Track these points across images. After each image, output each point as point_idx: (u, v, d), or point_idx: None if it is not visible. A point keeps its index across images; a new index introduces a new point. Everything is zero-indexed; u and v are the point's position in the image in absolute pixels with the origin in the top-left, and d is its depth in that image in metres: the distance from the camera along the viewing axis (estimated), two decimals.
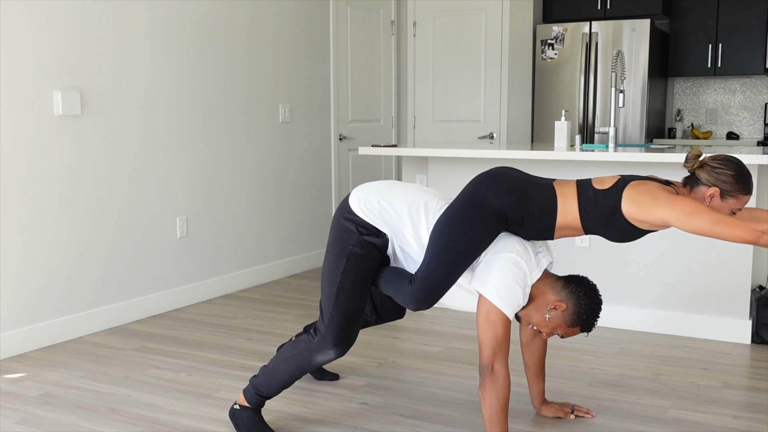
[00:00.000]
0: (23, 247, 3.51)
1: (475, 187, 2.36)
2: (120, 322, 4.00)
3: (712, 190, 2.29)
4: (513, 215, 2.31)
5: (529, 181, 2.37)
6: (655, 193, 2.24)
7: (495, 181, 2.35)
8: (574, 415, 2.73)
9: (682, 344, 3.62)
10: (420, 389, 3.03)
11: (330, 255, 2.49)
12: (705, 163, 2.33)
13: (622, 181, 2.31)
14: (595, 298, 2.38)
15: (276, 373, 2.53)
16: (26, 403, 2.89)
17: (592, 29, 5.75)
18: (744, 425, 2.66)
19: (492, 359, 2.26)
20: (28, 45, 3.48)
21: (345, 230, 2.46)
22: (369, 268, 2.47)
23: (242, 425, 2.57)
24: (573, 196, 2.33)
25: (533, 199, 2.32)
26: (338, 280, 2.45)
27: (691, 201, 2.20)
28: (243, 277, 4.85)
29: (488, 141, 5.96)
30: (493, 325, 2.26)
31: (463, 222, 2.30)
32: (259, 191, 4.97)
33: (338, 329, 2.46)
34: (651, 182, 2.29)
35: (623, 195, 2.27)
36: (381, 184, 2.55)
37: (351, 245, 2.44)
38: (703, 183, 2.31)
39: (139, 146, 4.07)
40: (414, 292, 2.36)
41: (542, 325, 2.40)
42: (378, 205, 2.45)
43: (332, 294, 2.46)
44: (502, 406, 2.27)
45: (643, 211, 2.23)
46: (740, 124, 6.36)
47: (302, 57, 5.30)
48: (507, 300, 2.27)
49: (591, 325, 2.39)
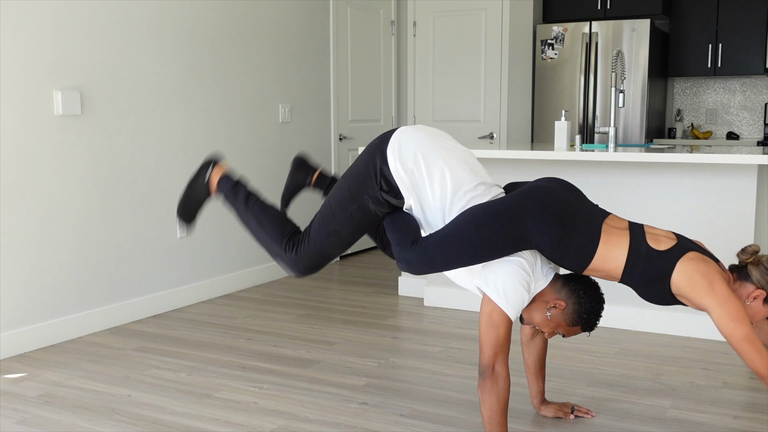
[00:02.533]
0: (23, 247, 3.51)
1: (521, 200, 2.24)
2: (120, 322, 4.00)
3: (758, 292, 2.22)
4: (545, 248, 2.24)
5: (578, 214, 2.26)
6: (712, 280, 2.15)
7: (543, 205, 2.22)
8: (574, 415, 2.73)
9: (682, 344, 3.62)
10: (420, 389, 3.03)
11: (345, 187, 2.43)
12: (761, 261, 2.25)
13: (680, 248, 2.22)
14: (596, 297, 2.34)
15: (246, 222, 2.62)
16: (26, 403, 2.89)
17: (592, 29, 5.75)
18: (744, 425, 2.66)
19: (493, 360, 2.25)
20: (28, 45, 3.48)
21: (370, 176, 2.38)
22: (371, 222, 2.47)
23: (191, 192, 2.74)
24: (623, 246, 2.23)
25: (573, 239, 2.21)
26: (339, 221, 2.45)
27: (739, 306, 2.12)
28: (243, 277, 4.85)
29: (488, 141, 5.96)
30: (496, 326, 2.25)
31: (491, 230, 2.21)
32: (260, 191, 4.96)
33: (311, 262, 2.53)
34: (712, 263, 2.20)
35: (678, 265, 2.18)
36: (426, 136, 2.38)
37: (367, 196, 2.39)
38: (752, 281, 2.23)
39: (139, 146, 4.07)
40: (411, 255, 2.30)
41: (543, 325, 2.39)
42: (413, 164, 2.33)
43: (325, 229, 2.47)
44: (502, 407, 2.27)
45: (694, 292, 2.16)
46: (740, 124, 6.36)
47: (302, 57, 5.30)
48: (512, 302, 2.25)
49: (592, 325, 2.36)
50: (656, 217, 3.74)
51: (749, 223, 3.56)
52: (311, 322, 4.05)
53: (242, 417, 2.75)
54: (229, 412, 2.79)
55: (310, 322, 4.02)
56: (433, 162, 2.34)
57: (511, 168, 4.03)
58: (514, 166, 4.03)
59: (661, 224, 3.74)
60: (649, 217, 3.76)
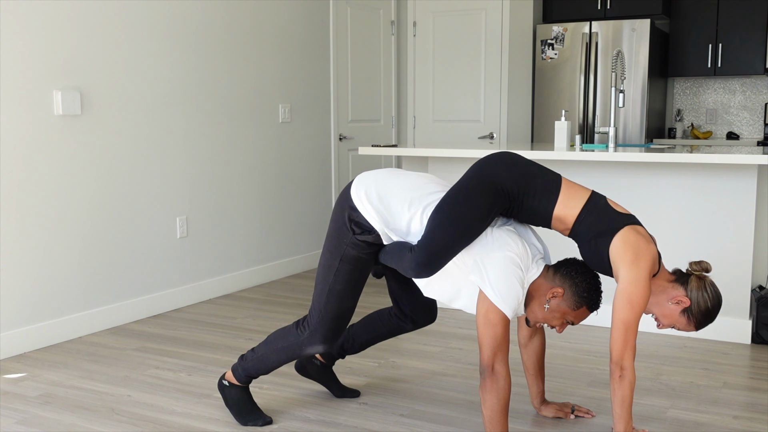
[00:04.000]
0: (23, 247, 3.51)
1: (480, 164, 2.37)
2: (120, 322, 4.00)
3: (686, 301, 2.30)
4: (515, 192, 2.31)
5: (537, 166, 2.40)
6: (640, 259, 2.23)
7: (501, 159, 2.37)
8: (574, 415, 2.73)
9: (682, 344, 3.62)
10: (420, 389, 3.03)
11: (326, 250, 2.52)
12: (704, 279, 2.32)
13: (634, 220, 2.31)
14: (589, 273, 2.36)
15: (266, 361, 2.62)
16: (26, 403, 2.89)
17: (592, 29, 5.75)
18: (744, 425, 2.66)
19: (492, 359, 2.25)
20: (28, 45, 3.48)
21: (342, 226, 2.46)
22: (362, 267, 2.48)
23: (231, 402, 2.68)
24: (584, 195, 2.34)
25: (537, 179, 2.33)
26: (330, 280, 2.49)
27: (644, 294, 2.22)
28: (243, 277, 4.85)
29: (488, 141, 5.96)
30: (493, 325, 2.26)
31: (467, 194, 2.29)
32: (259, 191, 4.97)
33: (327, 328, 2.53)
34: (653, 246, 2.28)
35: (624, 230, 2.26)
36: (383, 173, 2.52)
37: (345, 245, 2.45)
38: (686, 289, 2.31)
39: (139, 146, 4.07)
40: (414, 257, 2.32)
41: (549, 319, 2.38)
42: (377, 197, 2.42)
43: (324, 293, 2.50)
44: (502, 407, 2.27)
45: (619, 259, 2.24)
46: (740, 124, 6.36)
47: (302, 57, 5.30)
48: (507, 299, 2.26)
49: (596, 301, 2.36)
50: (656, 217, 3.74)
51: (749, 223, 3.56)
52: None
53: None
54: (229, 412, 2.79)
55: None
56: (395, 188, 2.44)
57: None
58: None
59: (661, 224, 3.74)
60: (649, 217, 3.76)
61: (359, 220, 2.42)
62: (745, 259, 3.59)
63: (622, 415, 2.28)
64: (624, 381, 2.25)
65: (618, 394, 2.27)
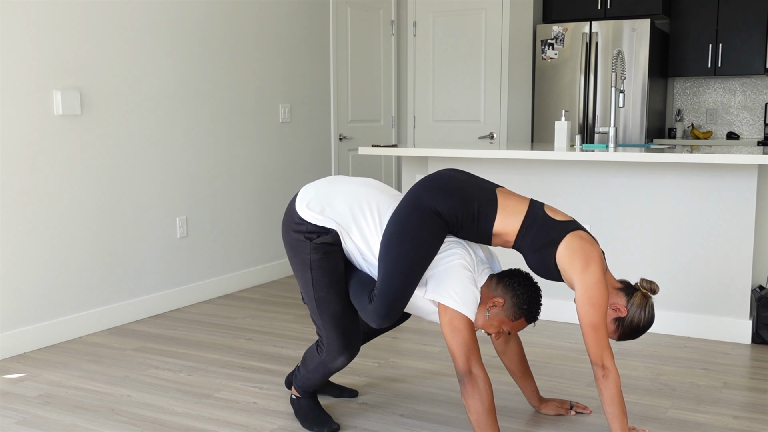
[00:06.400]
0: (23, 247, 3.51)
1: (416, 191, 2.38)
2: (120, 322, 4.00)
3: (624, 311, 2.34)
4: (452, 218, 2.33)
5: (471, 184, 2.39)
6: (590, 262, 2.27)
7: (436, 184, 2.37)
8: (574, 411, 2.75)
9: (682, 344, 3.62)
10: (420, 389, 3.03)
11: (296, 272, 2.53)
12: (649, 299, 2.38)
13: (574, 224, 2.34)
14: (531, 286, 2.39)
15: (311, 380, 2.65)
16: (26, 403, 2.89)
17: (592, 29, 5.75)
18: (744, 425, 2.66)
19: (468, 364, 2.28)
20: (28, 45, 3.48)
21: (296, 242, 2.47)
22: (335, 266, 2.48)
23: (300, 412, 2.70)
24: (521, 209, 2.35)
25: (473, 203, 2.34)
26: (312, 292, 2.50)
27: (602, 294, 2.26)
28: (243, 277, 4.85)
29: (488, 141, 5.96)
30: (459, 331, 2.28)
31: (408, 228, 2.31)
32: (259, 191, 4.97)
33: (336, 338, 2.52)
34: (597, 247, 2.32)
35: (567, 238, 2.30)
36: (321, 182, 2.56)
37: (307, 254, 2.46)
38: (627, 300, 2.35)
39: (139, 146, 4.07)
40: (375, 310, 2.37)
41: (487, 326, 2.41)
42: (319, 206, 2.46)
43: (314, 307, 2.51)
44: (487, 408, 2.28)
45: (570, 267, 2.27)
46: (740, 124, 6.36)
47: (302, 57, 5.30)
48: (466, 302, 2.29)
49: (535, 314, 2.40)
50: (656, 217, 3.74)
51: (749, 223, 3.56)
52: (311, 322, 4.04)
53: (242, 417, 2.75)
54: (229, 412, 2.79)
55: (310, 322, 4.02)
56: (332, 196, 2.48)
57: (511, 168, 4.04)
58: (514, 166, 4.03)
59: (661, 224, 3.74)
60: (649, 216, 3.76)
61: (311, 229, 2.44)
62: (745, 259, 3.59)
63: (616, 414, 2.29)
64: (608, 380, 2.27)
65: (606, 393, 2.28)
